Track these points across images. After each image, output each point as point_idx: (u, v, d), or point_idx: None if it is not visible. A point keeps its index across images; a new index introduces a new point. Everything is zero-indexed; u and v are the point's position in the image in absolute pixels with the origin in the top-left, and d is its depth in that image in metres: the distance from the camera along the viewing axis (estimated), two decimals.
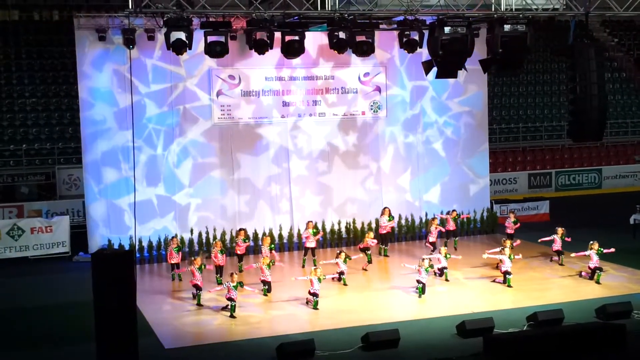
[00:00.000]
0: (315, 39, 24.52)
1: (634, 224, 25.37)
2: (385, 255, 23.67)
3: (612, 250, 21.07)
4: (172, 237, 22.30)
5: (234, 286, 18.32)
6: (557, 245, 22.23)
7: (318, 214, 25.37)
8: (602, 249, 20.65)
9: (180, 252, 21.70)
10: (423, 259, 19.83)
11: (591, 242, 20.80)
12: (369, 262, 22.12)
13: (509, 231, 23.85)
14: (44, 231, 24.56)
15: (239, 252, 22.28)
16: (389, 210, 24.17)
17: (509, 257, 20.40)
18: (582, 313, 17.74)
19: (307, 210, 25.51)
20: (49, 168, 30.00)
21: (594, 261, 20.63)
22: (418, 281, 19.48)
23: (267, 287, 19.86)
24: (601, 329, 16.16)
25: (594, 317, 17.51)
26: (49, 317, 18.71)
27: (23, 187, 29.59)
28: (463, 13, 20.43)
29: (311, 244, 22.57)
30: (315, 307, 18.60)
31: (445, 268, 20.93)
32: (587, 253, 20.72)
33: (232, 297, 18.31)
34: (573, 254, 21.29)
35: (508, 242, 21.38)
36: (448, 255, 20.97)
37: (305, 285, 19.13)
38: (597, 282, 20.35)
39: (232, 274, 18.79)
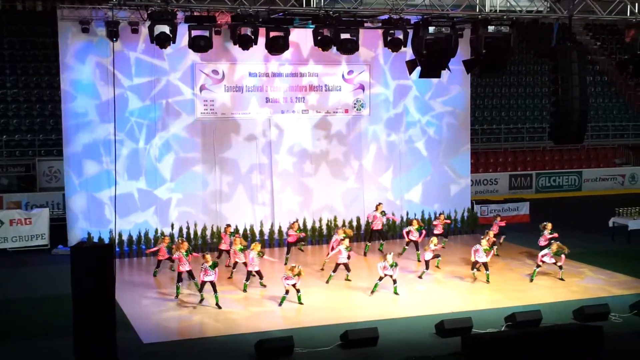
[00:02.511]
0: (300, 36, 24.47)
1: (613, 227, 25.55)
2: (380, 250, 23.74)
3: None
4: (164, 236, 22.13)
5: (210, 266, 18.44)
6: (543, 242, 22.18)
7: (294, 213, 25.30)
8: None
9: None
10: (386, 255, 19.76)
11: (544, 223, 21.56)
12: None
13: (494, 230, 23.77)
14: (23, 223, 24.39)
15: (223, 248, 22.18)
16: (382, 206, 24.26)
17: (484, 250, 20.55)
18: (560, 314, 17.86)
19: (285, 207, 25.55)
20: (29, 160, 29.78)
21: (546, 239, 21.18)
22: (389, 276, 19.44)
23: (257, 276, 19.83)
24: (578, 331, 16.25)
25: (571, 319, 17.62)
26: (27, 310, 18.59)
27: (3, 179, 29.38)
28: (447, 13, 20.50)
29: (292, 239, 22.59)
30: (299, 302, 18.67)
31: (438, 256, 21.41)
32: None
33: (210, 280, 18.22)
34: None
35: (491, 233, 21.52)
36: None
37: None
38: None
39: (204, 255, 19.04)
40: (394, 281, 19.48)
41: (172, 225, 24.36)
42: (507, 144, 36.94)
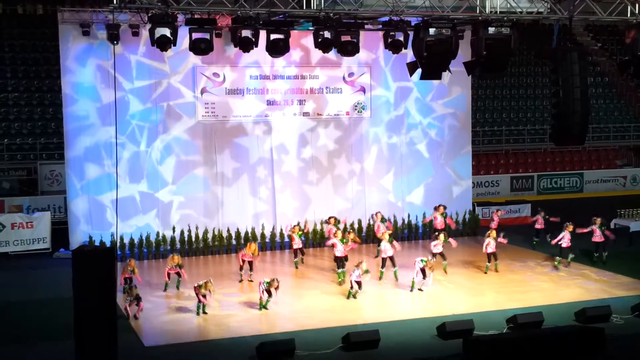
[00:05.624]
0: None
1: (615, 228, 25.49)
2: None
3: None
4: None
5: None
6: (597, 236, 22.72)
7: (286, 218, 25.24)
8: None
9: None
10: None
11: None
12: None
13: (538, 226, 24.79)
14: (25, 227, 24.40)
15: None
16: (443, 207, 24.63)
17: (495, 239, 21.47)
18: (561, 316, 17.83)
19: (281, 208, 25.54)
20: (31, 163, 29.80)
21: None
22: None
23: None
24: (580, 333, 16.24)
25: (573, 321, 17.60)
26: (28, 313, 18.60)
27: (4, 182, 29.39)
28: (448, 15, 20.49)
29: (297, 245, 22.57)
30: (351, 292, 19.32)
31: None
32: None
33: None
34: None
35: (493, 233, 21.88)
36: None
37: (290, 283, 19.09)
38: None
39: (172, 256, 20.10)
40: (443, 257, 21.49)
41: (174, 228, 24.36)
42: (508, 145, 36.90)
